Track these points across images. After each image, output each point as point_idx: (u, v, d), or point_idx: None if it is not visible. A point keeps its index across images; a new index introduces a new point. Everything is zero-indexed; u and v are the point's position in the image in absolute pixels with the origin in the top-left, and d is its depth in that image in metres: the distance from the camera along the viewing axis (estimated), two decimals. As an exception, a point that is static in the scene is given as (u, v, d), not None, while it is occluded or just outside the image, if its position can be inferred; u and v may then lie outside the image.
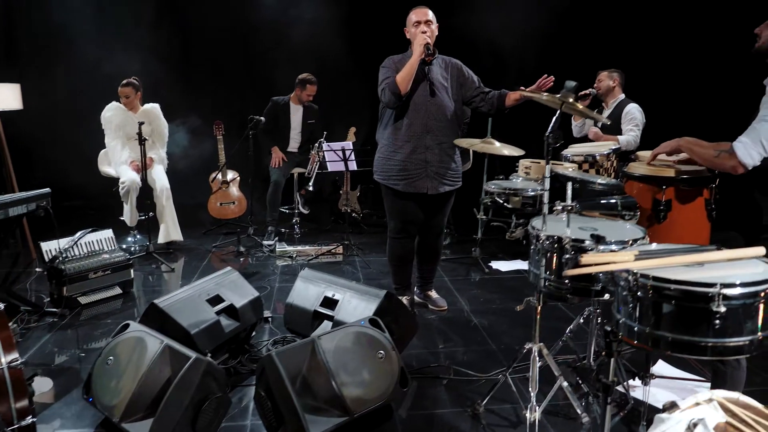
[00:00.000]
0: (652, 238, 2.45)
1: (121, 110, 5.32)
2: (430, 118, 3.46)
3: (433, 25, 3.46)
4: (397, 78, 3.32)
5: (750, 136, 2.21)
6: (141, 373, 2.40)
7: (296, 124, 5.99)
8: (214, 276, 3.30)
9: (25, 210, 3.58)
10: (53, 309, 3.87)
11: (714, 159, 2.28)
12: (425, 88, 3.44)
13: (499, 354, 3.28)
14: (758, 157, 2.20)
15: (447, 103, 3.49)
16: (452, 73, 3.55)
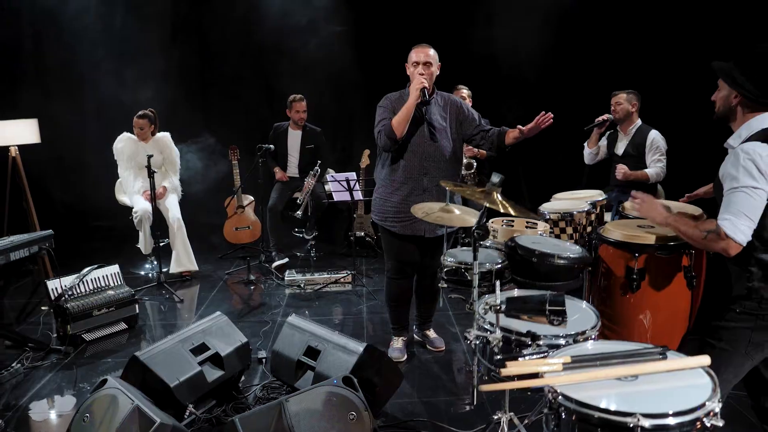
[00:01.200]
0: (624, 308, 2.35)
1: (132, 141, 5.42)
2: (427, 159, 3.40)
3: (433, 66, 3.39)
4: (393, 122, 3.27)
5: (730, 211, 2.05)
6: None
7: (293, 148, 6.02)
8: (202, 322, 3.31)
9: (27, 253, 3.68)
10: (58, 347, 3.96)
11: (702, 240, 2.11)
12: (422, 129, 3.39)
13: (488, 406, 3.18)
14: (749, 231, 2.04)
15: (445, 144, 3.43)
16: (451, 111, 3.48)
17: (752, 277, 2.08)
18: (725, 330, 2.13)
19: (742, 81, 2.12)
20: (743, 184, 2.01)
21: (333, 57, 6.74)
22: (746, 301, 2.09)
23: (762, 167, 1.99)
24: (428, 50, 3.40)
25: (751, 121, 2.13)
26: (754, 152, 2.00)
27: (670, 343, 2.32)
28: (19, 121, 5.11)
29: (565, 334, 1.89)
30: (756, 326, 2.08)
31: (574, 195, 3.08)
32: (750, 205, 2.02)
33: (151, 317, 4.66)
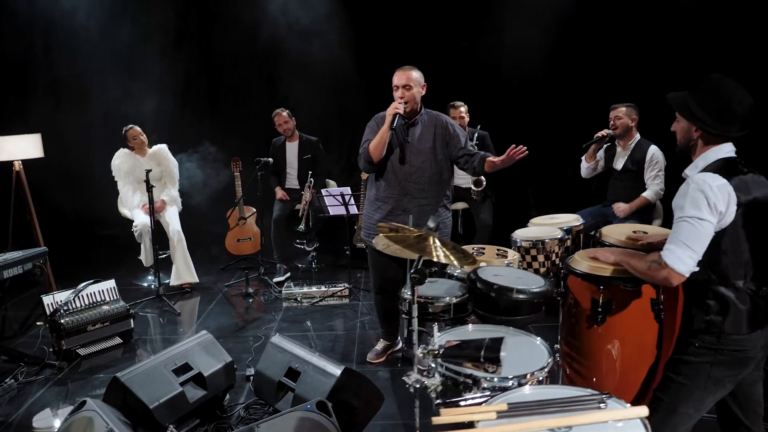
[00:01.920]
0: (590, 341, 2.31)
1: (129, 156, 5.48)
2: (408, 180, 3.42)
3: (414, 88, 3.39)
4: (370, 146, 3.32)
5: (673, 242, 2.03)
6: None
7: (291, 160, 6.06)
8: (186, 342, 3.34)
9: (21, 271, 3.75)
10: (52, 362, 4.02)
11: (647, 271, 2.10)
12: (404, 150, 3.40)
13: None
14: (691, 261, 2.00)
15: (427, 165, 3.44)
16: (437, 131, 3.48)
17: (709, 310, 2.04)
18: (685, 364, 2.08)
19: (700, 114, 2.06)
20: (688, 214, 1.98)
21: (338, 68, 6.76)
22: (705, 335, 2.05)
23: (711, 199, 1.95)
24: (410, 72, 3.41)
25: (708, 153, 2.09)
26: (704, 183, 1.97)
27: (637, 376, 2.30)
28: (23, 136, 5.21)
29: (512, 375, 1.87)
30: (715, 361, 2.03)
31: (551, 220, 3.04)
32: (692, 235, 1.98)
33: (149, 330, 4.71)
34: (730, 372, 2.05)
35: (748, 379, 2.13)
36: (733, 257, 2.01)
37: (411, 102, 3.38)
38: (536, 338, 2.15)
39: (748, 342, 2.03)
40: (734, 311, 2.01)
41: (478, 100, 6.37)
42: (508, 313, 2.26)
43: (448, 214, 3.57)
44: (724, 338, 2.02)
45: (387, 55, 6.68)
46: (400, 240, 1.94)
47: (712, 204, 1.95)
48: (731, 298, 2.01)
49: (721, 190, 1.96)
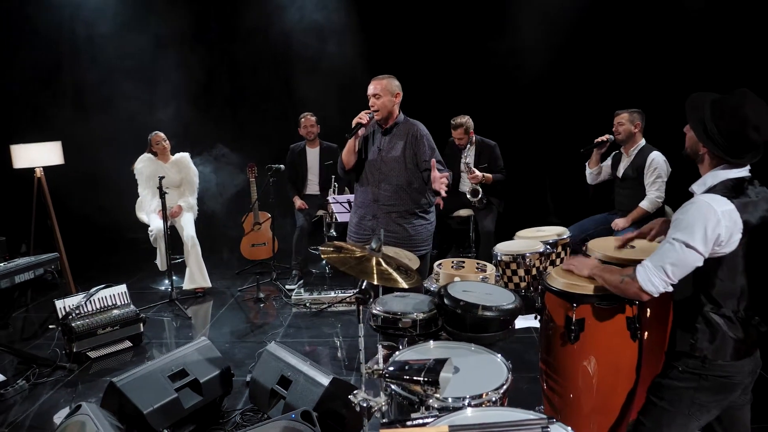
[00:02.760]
0: (564, 359, 2.28)
1: (151, 161, 5.62)
2: (377, 187, 3.52)
3: (383, 97, 3.47)
4: (342, 154, 3.47)
5: (653, 260, 1.97)
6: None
7: (313, 166, 6.10)
8: (184, 348, 3.41)
9: (33, 276, 3.87)
10: (63, 364, 4.14)
11: (619, 285, 2.05)
12: (373, 157, 3.51)
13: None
14: (661, 284, 1.94)
15: (395, 173, 3.51)
16: (409, 140, 3.53)
17: (696, 333, 1.97)
18: (668, 389, 2.02)
19: (713, 133, 1.94)
20: (678, 237, 1.90)
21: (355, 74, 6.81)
22: (689, 359, 1.98)
23: (710, 227, 1.85)
24: (382, 81, 3.49)
25: (718, 171, 1.97)
26: (708, 208, 1.86)
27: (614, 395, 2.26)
28: (44, 143, 5.38)
29: (465, 396, 1.86)
30: (699, 386, 1.97)
31: (537, 232, 3.02)
32: (673, 260, 1.91)
33: (160, 334, 4.81)
34: (715, 397, 1.99)
35: (736, 403, 2.06)
36: (728, 284, 1.93)
37: (382, 110, 3.47)
38: (497, 356, 2.14)
39: (733, 368, 1.96)
40: (721, 337, 1.94)
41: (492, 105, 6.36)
42: (474, 330, 2.25)
43: (424, 222, 3.60)
44: (709, 363, 1.95)
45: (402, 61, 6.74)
46: (341, 261, 1.96)
47: (710, 233, 1.85)
48: (720, 324, 1.94)
49: (726, 217, 1.86)
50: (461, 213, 5.79)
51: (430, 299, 2.52)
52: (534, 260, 2.67)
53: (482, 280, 2.66)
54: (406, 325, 2.32)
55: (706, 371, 1.95)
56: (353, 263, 1.92)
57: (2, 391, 3.77)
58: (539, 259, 2.68)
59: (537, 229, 3.08)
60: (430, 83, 6.61)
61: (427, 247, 3.67)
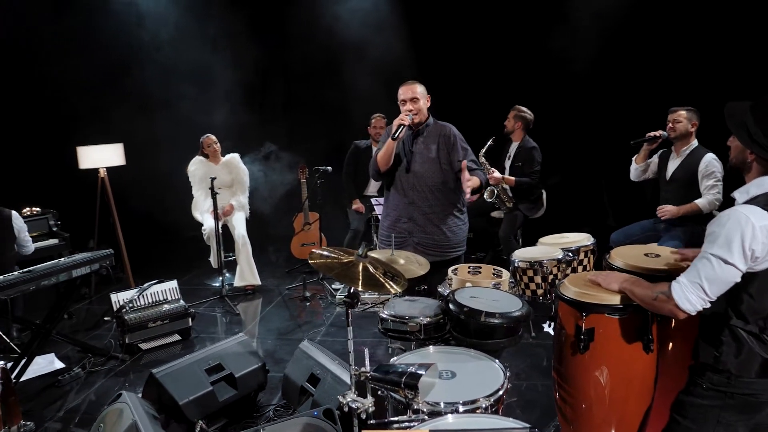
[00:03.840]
0: (574, 368, 2.23)
1: (203, 163, 5.86)
2: (413, 189, 3.52)
3: (420, 101, 3.49)
4: (378, 156, 3.48)
5: (689, 276, 1.88)
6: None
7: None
8: (222, 343, 3.55)
9: (89, 270, 4.10)
10: (117, 354, 4.39)
11: (653, 302, 1.97)
12: (408, 160, 3.51)
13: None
14: (699, 301, 1.85)
15: (430, 174, 3.52)
16: (442, 141, 3.54)
17: (722, 347, 1.89)
18: (692, 406, 1.95)
19: (758, 136, 1.85)
20: (715, 252, 1.81)
21: (405, 76, 6.84)
22: (714, 375, 1.90)
23: (747, 241, 1.76)
24: (415, 87, 3.53)
25: (764, 179, 1.87)
26: (746, 221, 1.77)
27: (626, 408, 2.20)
28: (107, 145, 5.70)
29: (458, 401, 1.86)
30: (725, 405, 1.88)
31: (561, 238, 2.95)
32: (711, 277, 1.83)
33: (208, 329, 5.00)
34: (741, 417, 1.90)
35: (765, 423, 1.94)
36: (759, 301, 1.85)
37: (420, 114, 3.50)
38: (496, 362, 2.13)
39: (759, 386, 1.87)
40: (747, 353, 1.86)
41: (543, 102, 6.25)
42: (479, 336, 2.24)
43: (459, 222, 3.60)
44: (735, 380, 1.87)
45: (451, 60, 6.76)
46: (328, 267, 2.00)
47: (747, 247, 1.77)
48: (747, 340, 1.86)
49: (764, 233, 1.76)
50: (495, 214, 5.74)
51: (439, 304, 2.53)
52: (551, 267, 2.63)
53: (494, 286, 2.64)
54: (413, 329, 2.34)
55: (731, 389, 1.87)
56: (340, 269, 1.96)
57: (60, 377, 4.04)
58: (557, 266, 2.63)
59: (561, 236, 3.02)
60: (480, 84, 6.59)
61: (463, 248, 3.67)
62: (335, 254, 2.05)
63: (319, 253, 2.09)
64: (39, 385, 4.02)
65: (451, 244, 3.60)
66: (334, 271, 1.95)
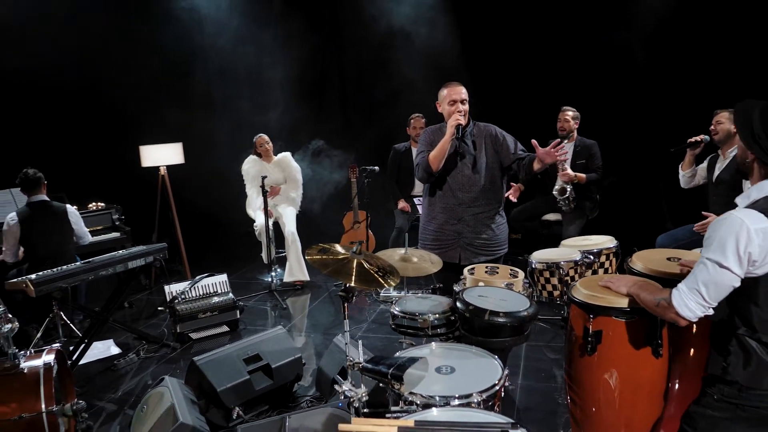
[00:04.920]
0: (582, 370, 2.23)
1: (256, 162, 6.08)
2: (462, 190, 3.51)
3: (466, 102, 3.49)
4: (430, 157, 3.45)
5: (687, 283, 1.86)
6: (151, 425, 2.89)
7: None
8: (262, 335, 3.70)
9: (143, 262, 4.37)
10: (169, 342, 4.64)
11: (656, 308, 1.96)
12: (456, 161, 3.51)
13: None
14: (698, 308, 1.83)
15: (479, 175, 3.51)
16: (486, 141, 3.54)
17: (730, 357, 1.86)
18: (702, 417, 1.91)
19: (760, 137, 1.83)
20: (711, 256, 1.80)
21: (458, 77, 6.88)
22: (725, 387, 1.86)
23: (742, 245, 1.74)
24: (461, 88, 3.53)
25: (765, 183, 1.85)
26: (741, 224, 1.75)
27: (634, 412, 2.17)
28: (167, 145, 6.01)
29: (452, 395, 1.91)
30: (735, 417, 1.84)
31: (584, 241, 2.91)
32: (707, 281, 1.81)
33: (256, 321, 5.21)
34: (753, 430, 1.86)
35: None
36: (766, 309, 1.80)
37: (467, 115, 3.51)
38: (495, 360, 2.16)
39: None
40: (757, 364, 1.81)
41: (596, 103, 6.15)
42: (484, 334, 2.27)
43: (502, 220, 3.59)
44: (746, 392, 1.82)
45: (503, 58, 6.73)
46: (323, 264, 2.07)
47: (743, 251, 1.75)
48: (756, 350, 1.81)
49: (760, 236, 1.74)
50: (549, 217, 5.64)
51: (449, 302, 2.57)
52: (568, 269, 2.62)
53: (506, 286, 2.65)
54: (422, 325, 2.40)
55: (742, 401, 1.83)
56: (335, 265, 2.04)
57: (115, 362, 4.32)
58: (573, 267, 2.62)
59: (584, 238, 3.00)
60: (534, 83, 6.54)
61: (506, 247, 3.66)
62: (332, 252, 2.14)
63: (315, 250, 2.18)
64: (97, 368, 4.32)
65: (498, 243, 3.61)
66: (330, 267, 2.04)
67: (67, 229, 4.74)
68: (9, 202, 5.28)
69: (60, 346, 3.14)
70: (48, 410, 2.79)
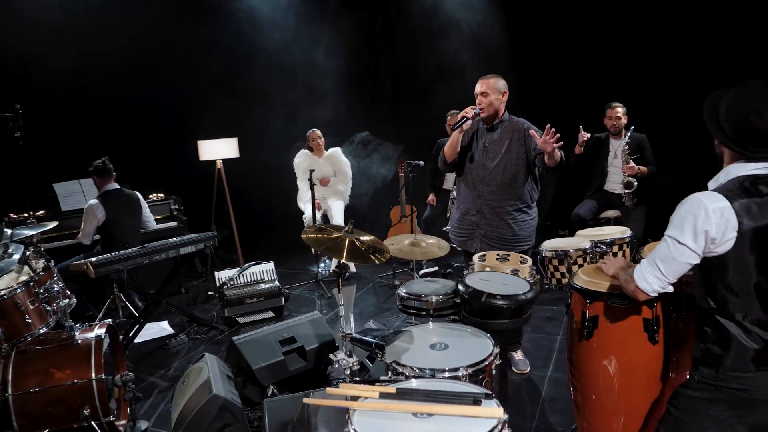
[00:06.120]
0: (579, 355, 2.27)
1: (308, 157, 6.30)
2: (482, 183, 3.60)
3: (491, 95, 3.56)
4: (444, 147, 3.57)
5: (648, 258, 1.92)
6: (188, 396, 3.12)
7: None
8: (298, 318, 3.90)
9: (194, 249, 4.64)
10: (217, 325, 4.92)
11: (623, 284, 2.02)
12: (478, 154, 3.60)
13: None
14: (656, 281, 1.90)
15: (500, 168, 3.57)
16: (515, 136, 3.59)
17: (706, 338, 1.88)
18: (684, 398, 1.94)
19: (722, 121, 1.87)
20: (670, 232, 1.88)
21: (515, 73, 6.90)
22: (705, 369, 1.88)
23: (699, 223, 1.79)
24: (489, 81, 3.58)
25: (731, 167, 1.89)
26: (699, 204, 1.81)
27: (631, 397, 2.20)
28: (223, 139, 6.32)
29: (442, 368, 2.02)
30: (714, 398, 1.86)
31: (599, 231, 2.92)
32: (664, 256, 1.88)
33: (300, 308, 5.42)
34: (735, 413, 1.86)
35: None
36: (734, 287, 1.82)
37: (488, 108, 3.56)
38: (488, 339, 2.25)
39: (752, 381, 1.82)
40: (737, 346, 1.82)
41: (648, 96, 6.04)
42: (482, 316, 2.35)
43: (527, 217, 3.63)
44: (723, 374, 1.84)
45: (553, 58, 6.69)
46: (317, 242, 2.20)
47: (699, 229, 1.80)
48: (731, 330, 1.83)
49: (717, 214, 1.78)
50: (609, 214, 5.54)
51: (452, 285, 2.67)
52: (576, 257, 2.65)
53: (512, 272, 2.71)
54: (427, 306, 2.51)
55: (720, 382, 1.85)
56: (329, 243, 2.17)
57: (167, 341, 4.63)
58: (582, 256, 2.65)
59: (599, 229, 3.01)
60: (583, 77, 6.48)
61: (530, 243, 3.71)
62: (327, 231, 2.28)
63: (311, 230, 2.33)
64: (151, 347, 4.65)
65: (517, 239, 3.67)
66: (324, 245, 2.18)
67: (140, 214, 5.10)
68: (77, 192, 5.70)
69: (112, 322, 3.41)
70: (97, 378, 3.07)
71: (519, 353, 4.00)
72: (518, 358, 3.96)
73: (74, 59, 6.16)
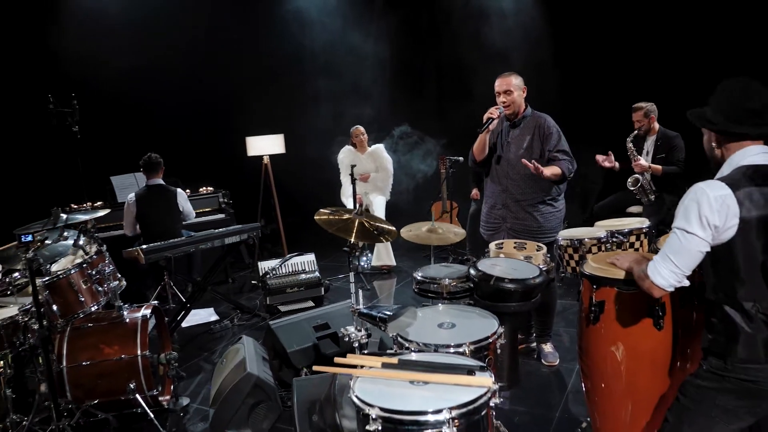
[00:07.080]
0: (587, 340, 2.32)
1: (351, 152, 6.46)
2: (507, 177, 3.68)
3: (514, 93, 3.62)
4: (473, 147, 3.62)
5: (661, 251, 1.93)
6: (225, 374, 3.32)
7: None
8: (333, 306, 4.06)
9: (238, 239, 4.86)
10: (260, 312, 5.14)
11: (638, 280, 2.04)
12: (504, 150, 3.67)
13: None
14: (671, 276, 1.90)
15: (522, 163, 3.60)
16: (537, 132, 3.64)
17: (713, 329, 1.90)
18: (692, 386, 1.96)
19: (710, 115, 1.95)
20: (677, 224, 1.90)
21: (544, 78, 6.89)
22: (713, 359, 1.90)
23: (704, 211, 1.82)
24: (509, 79, 3.64)
25: (733, 157, 1.93)
26: (701, 193, 1.84)
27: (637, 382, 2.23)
28: (270, 136, 6.56)
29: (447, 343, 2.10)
30: (721, 388, 1.88)
31: (618, 222, 2.91)
32: (676, 249, 1.90)
33: (338, 299, 5.54)
34: (742, 402, 1.87)
35: None
36: (741, 275, 1.84)
37: (512, 105, 3.63)
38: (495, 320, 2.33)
39: (760, 373, 1.83)
40: (745, 336, 1.83)
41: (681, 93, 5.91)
42: (492, 299, 2.42)
43: (552, 209, 3.67)
44: (731, 364, 1.86)
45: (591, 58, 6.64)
46: (329, 223, 2.32)
47: (704, 217, 1.83)
48: (738, 320, 1.84)
49: (719, 202, 1.82)
50: (632, 210, 5.50)
51: (466, 270, 2.75)
52: (590, 246, 2.68)
53: (525, 258, 2.77)
54: (440, 289, 2.61)
55: (728, 372, 1.86)
56: (340, 224, 2.30)
57: (212, 326, 4.87)
58: (597, 245, 2.68)
59: (618, 220, 3.03)
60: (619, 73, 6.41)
61: (555, 234, 3.75)
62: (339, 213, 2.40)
63: (324, 211, 2.47)
64: (197, 331, 4.90)
65: (543, 230, 3.71)
66: (335, 226, 2.31)
67: (175, 209, 5.37)
68: (132, 185, 6.05)
69: (158, 303, 3.65)
70: (142, 354, 3.31)
71: (549, 345, 4.03)
72: (548, 351, 4.00)
73: (131, 59, 6.52)
